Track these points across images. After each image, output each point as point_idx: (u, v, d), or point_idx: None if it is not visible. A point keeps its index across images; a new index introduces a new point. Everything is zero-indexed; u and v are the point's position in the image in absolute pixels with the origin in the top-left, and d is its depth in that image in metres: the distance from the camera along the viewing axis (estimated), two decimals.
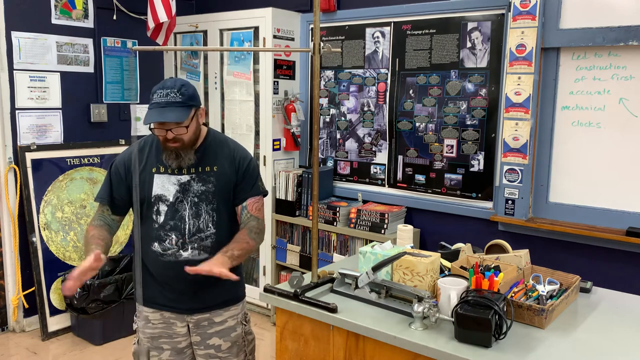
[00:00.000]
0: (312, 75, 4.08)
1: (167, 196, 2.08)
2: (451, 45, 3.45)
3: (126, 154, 2.18)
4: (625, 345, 1.68)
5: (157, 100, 1.98)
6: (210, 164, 2.12)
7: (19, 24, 3.78)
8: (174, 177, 2.09)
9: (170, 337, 2.17)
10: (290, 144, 4.09)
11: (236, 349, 2.21)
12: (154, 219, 2.09)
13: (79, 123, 4.14)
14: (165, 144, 2.03)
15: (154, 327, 2.17)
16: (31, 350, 3.67)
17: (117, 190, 2.14)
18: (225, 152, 2.15)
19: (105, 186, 2.16)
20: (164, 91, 1.98)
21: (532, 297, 1.87)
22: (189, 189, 2.08)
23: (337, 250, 3.80)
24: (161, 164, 2.10)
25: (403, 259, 1.93)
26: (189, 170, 2.09)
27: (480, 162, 3.40)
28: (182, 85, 2.00)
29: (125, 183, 2.13)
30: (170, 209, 2.08)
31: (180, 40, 4.47)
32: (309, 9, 4.07)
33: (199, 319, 2.16)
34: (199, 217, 2.09)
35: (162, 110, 1.96)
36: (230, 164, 2.14)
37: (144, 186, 2.11)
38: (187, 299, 2.13)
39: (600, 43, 2.91)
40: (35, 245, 3.82)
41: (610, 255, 2.99)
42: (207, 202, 2.09)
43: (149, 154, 2.14)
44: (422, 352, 1.64)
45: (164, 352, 2.18)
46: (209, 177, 2.10)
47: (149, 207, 2.10)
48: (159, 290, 2.14)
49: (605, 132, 2.99)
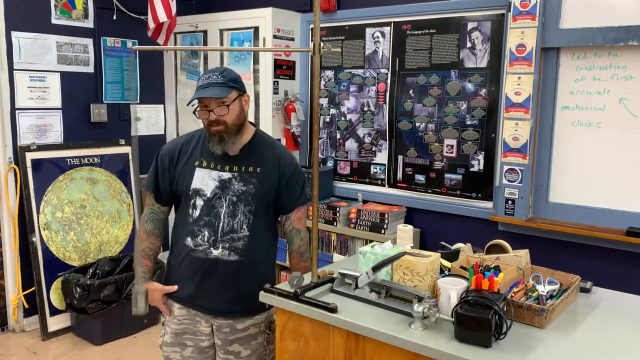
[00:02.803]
0: (312, 75, 4.08)
1: (205, 191, 2.07)
2: (451, 45, 3.45)
3: (172, 144, 2.19)
4: (625, 345, 1.68)
5: (200, 83, 2.01)
6: (254, 164, 2.09)
7: (19, 24, 3.78)
8: (215, 173, 2.08)
9: (194, 334, 2.17)
10: (290, 144, 4.09)
11: (256, 357, 2.20)
12: (190, 213, 2.09)
13: (79, 123, 4.14)
14: (209, 128, 2.03)
15: (179, 322, 2.17)
16: (31, 350, 3.67)
17: (162, 180, 2.15)
18: (272, 155, 2.13)
19: (152, 175, 2.18)
20: (206, 75, 2.02)
21: (532, 297, 1.87)
22: (229, 187, 2.07)
23: (337, 250, 3.80)
24: (205, 158, 2.10)
25: (403, 259, 1.93)
26: (232, 168, 2.08)
27: (480, 162, 3.40)
28: (224, 70, 2.06)
29: (169, 173, 2.14)
30: (206, 205, 2.07)
31: (180, 40, 4.47)
32: (309, 9, 4.07)
33: (222, 323, 2.15)
34: (234, 217, 2.07)
35: (203, 90, 1.98)
36: (275, 168, 2.11)
37: (184, 178, 2.11)
38: (211, 298, 2.12)
39: (600, 43, 2.91)
40: (35, 245, 3.82)
41: (610, 255, 2.99)
42: (245, 203, 2.07)
43: (195, 148, 2.14)
44: (422, 352, 1.64)
45: (187, 348, 2.17)
46: (251, 177, 2.08)
47: (186, 201, 2.11)
48: (186, 285, 2.14)
49: (605, 132, 2.99)
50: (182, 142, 2.17)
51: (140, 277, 2.20)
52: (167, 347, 2.21)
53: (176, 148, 2.15)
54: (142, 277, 2.20)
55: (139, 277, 2.20)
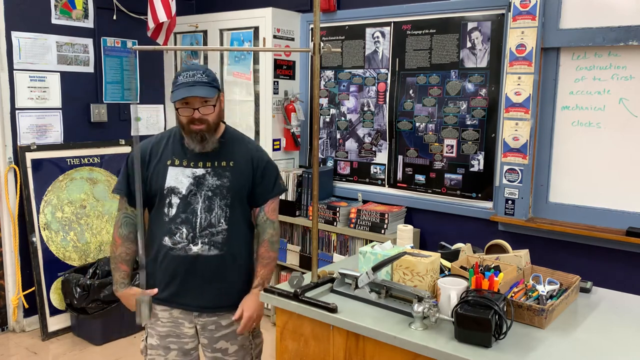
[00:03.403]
0: (312, 75, 4.08)
1: (180, 188, 2.08)
2: (451, 45, 3.45)
3: (142, 146, 2.18)
4: (625, 345, 1.68)
5: (184, 80, 2.01)
6: (227, 159, 2.12)
7: (19, 24, 3.78)
8: (189, 170, 2.09)
9: (177, 337, 2.16)
10: (290, 144, 4.09)
11: (243, 352, 2.21)
12: (165, 212, 2.09)
13: (79, 123, 4.14)
14: (190, 126, 2.03)
15: (162, 325, 2.17)
16: (31, 350, 3.67)
17: (134, 182, 2.13)
18: (243, 149, 2.16)
19: (123, 178, 2.17)
20: (190, 72, 2.02)
21: (532, 297, 1.87)
22: (203, 183, 2.08)
23: (337, 250, 3.80)
24: (177, 156, 2.10)
25: (403, 259, 1.93)
26: (205, 164, 2.09)
27: (480, 162, 3.40)
28: (206, 69, 2.08)
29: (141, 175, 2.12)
30: (182, 202, 2.08)
31: (180, 40, 4.47)
32: (309, 9, 4.07)
33: (207, 321, 2.15)
34: (211, 212, 2.08)
35: (191, 89, 1.98)
36: (247, 162, 2.14)
37: (157, 178, 2.11)
38: (194, 296, 2.12)
39: (600, 43, 2.91)
40: (35, 245, 3.82)
41: (610, 255, 2.99)
42: (221, 197, 2.08)
43: (165, 147, 2.14)
44: (422, 352, 1.64)
45: (171, 352, 2.17)
46: (225, 171, 2.10)
47: (160, 200, 2.11)
48: (167, 285, 2.13)
49: (605, 132, 2.99)
50: (152, 144, 2.17)
51: (120, 283, 2.20)
52: (152, 350, 2.19)
53: (146, 150, 2.15)
54: (121, 283, 2.20)
55: (118, 283, 2.20)
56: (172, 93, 2.02)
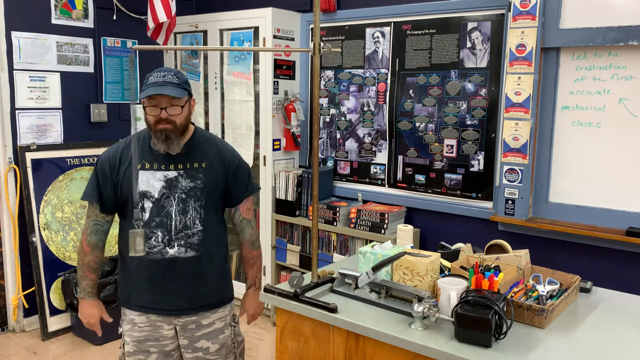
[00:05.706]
0: (312, 75, 4.08)
1: (152, 192, 2.06)
2: (451, 45, 3.45)
3: (112, 151, 2.16)
4: (625, 345, 1.68)
5: (154, 80, 1.99)
6: (198, 160, 2.11)
7: (19, 24, 3.78)
8: (160, 173, 2.07)
9: (157, 340, 2.15)
10: (290, 144, 4.09)
11: (225, 350, 2.20)
12: (139, 217, 2.06)
13: (79, 123, 4.14)
14: (157, 126, 2.01)
15: (140, 330, 2.15)
16: (31, 350, 3.67)
17: (104, 188, 2.12)
18: (214, 150, 2.15)
19: (92, 185, 2.14)
20: (160, 73, 2.01)
21: (532, 297, 1.87)
22: (176, 185, 2.07)
23: (337, 250, 3.80)
24: (147, 160, 2.08)
25: (403, 259, 1.93)
26: (177, 166, 2.08)
27: (480, 162, 3.40)
28: (177, 72, 2.07)
29: (111, 180, 2.11)
30: (155, 206, 2.06)
31: (180, 40, 4.48)
32: (309, 9, 4.07)
33: (186, 321, 2.14)
34: (185, 214, 2.07)
35: (160, 87, 1.97)
36: (219, 162, 2.14)
37: (128, 183, 2.08)
38: (174, 299, 2.11)
39: (600, 43, 2.91)
40: (35, 245, 3.82)
41: (610, 255, 2.99)
42: (195, 199, 2.08)
43: (135, 151, 2.09)
44: (422, 352, 1.64)
45: (151, 355, 2.15)
46: (198, 173, 2.09)
47: (133, 205, 2.08)
48: (145, 291, 2.12)
49: (605, 132, 2.99)
50: (122, 148, 2.14)
51: (88, 292, 2.20)
52: (130, 357, 2.17)
53: (116, 154, 2.12)
54: (89, 292, 2.20)
55: (85, 292, 2.19)
56: (141, 92, 2.00)
